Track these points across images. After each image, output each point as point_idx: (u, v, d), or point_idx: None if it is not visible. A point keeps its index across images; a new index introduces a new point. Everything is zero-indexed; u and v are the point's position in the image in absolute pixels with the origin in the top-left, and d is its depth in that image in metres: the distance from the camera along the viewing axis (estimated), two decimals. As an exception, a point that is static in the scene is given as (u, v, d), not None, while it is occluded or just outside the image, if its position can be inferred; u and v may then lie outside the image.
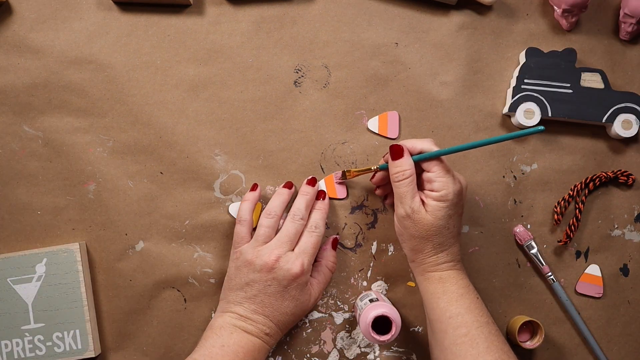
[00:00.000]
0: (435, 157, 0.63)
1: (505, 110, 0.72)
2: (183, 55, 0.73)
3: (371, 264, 0.74)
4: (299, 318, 0.68)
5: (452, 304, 0.62)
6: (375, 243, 0.74)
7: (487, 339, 0.60)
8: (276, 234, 0.68)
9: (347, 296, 0.74)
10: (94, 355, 0.70)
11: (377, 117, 0.73)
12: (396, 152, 0.64)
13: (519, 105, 0.71)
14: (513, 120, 0.73)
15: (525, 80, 0.71)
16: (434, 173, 0.63)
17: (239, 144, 0.73)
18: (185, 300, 0.73)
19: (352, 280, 0.74)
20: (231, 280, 0.68)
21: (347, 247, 0.74)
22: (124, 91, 0.72)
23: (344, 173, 0.71)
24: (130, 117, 0.73)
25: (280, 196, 0.70)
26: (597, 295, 0.74)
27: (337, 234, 0.74)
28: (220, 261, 0.73)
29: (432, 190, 0.63)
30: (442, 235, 0.63)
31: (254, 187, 0.72)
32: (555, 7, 0.72)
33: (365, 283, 0.74)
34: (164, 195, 0.73)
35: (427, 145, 0.64)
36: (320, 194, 0.72)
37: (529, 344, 0.71)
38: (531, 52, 0.71)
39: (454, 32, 0.74)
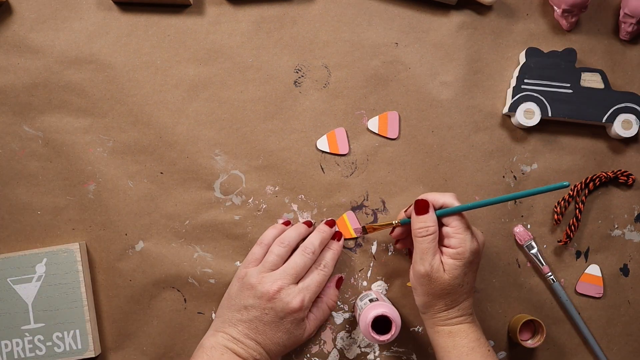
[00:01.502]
0: (457, 212, 0.63)
1: (505, 110, 0.72)
2: (183, 55, 0.73)
3: (371, 264, 0.74)
4: (289, 349, 0.68)
5: (462, 358, 0.62)
6: (375, 243, 0.74)
7: None
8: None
9: (347, 296, 0.74)
10: (94, 355, 0.70)
11: (377, 117, 0.73)
12: (421, 207, 0.63)
13: (519, 105, 0.71)
14: (513, 120, 0.73)
15: (525, 80, 0.71)
16: (453, 229, 0.62)
17: (239, 144, 0.73)
18: (185, 300, 0.73)
19: (352, 280, 0.74)
20: (231, 300, 0.68)
21: (347, 247, 0.74)
22: (124, 91, 0.72)
23: (364, 228, 0.71)
24: (130, 117, 0.73)
25: (297, 229, 0.71)
26: (597, 295, 0.74)
27: (343, 274, 0.74)
28: (220, 261, 0.73)
29: (449, 247, 0.62)
30: (456, 292, 0.63)
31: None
32: (555, 7, 0.72)
33: (365, 283, 0.74)
34: (164, 195, 0.73)
35: (449, 199, 0.64)
36: (336, 235, 0.72)
37: (530, 343, 0.71)
38: (531, 52, 0.71)
39: (454, 32, 0.74)
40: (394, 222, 0.68)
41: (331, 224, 0.72)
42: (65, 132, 0.72)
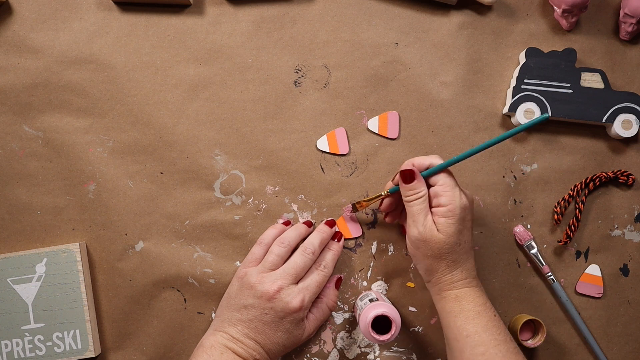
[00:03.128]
0: (443, 169, 0.63)
1: (505, 110, 0.72)
2: (183, 55, 0.73)
3: (371, 264, 0.74)
4: (289, 349, 0.68)
5: (469, 322, 0.62)
6: (375, 243, 0.74)
7: (504, 357, 0.60)
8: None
9: (347, 296, 0.74)
10: (94, 355, 0.70)
11: (377, 117, 0.73)
12: (408, 176, 0.64)
13: (519, 105, 0.71)
14: (513, 120, 0.73)
15: (525, 80, 0.71)
16: (441, 187, 0.63)
17: (239, 144, 0.73)
18: (185, 300, 0.73)
19: (352, 280, 0.74)
20: (230, 299, 0.68)
21: (347, 247, 0.74)
22: (124, 91, 0.72)
23: (354, 206, 0.71)
24: (130, 117, 0.73)
25: (297, 229, 0.71)
26: (597, 295, 0.74)
27: (342, 274, 0.74)
28: (220, 261, 0.73)
29: (439, 206, 0.63)
30: (455, 252, 0.63)
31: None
32: (555, 7, 0.72)
33: (365, 283, 0.74)
34: (164, 195, 0.73)
35: (434, 160, 0.64)
36: (336, 235, 0.72)
37: (531, 343, 0.71)
38: (531, 52, 0.71)
39: (454, 32, 0.74)
40: (382, 193, 0.69)
41: (331, 224, 0.72)
42: (65, 132, 0.72)
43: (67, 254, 0.70)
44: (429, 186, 0.65)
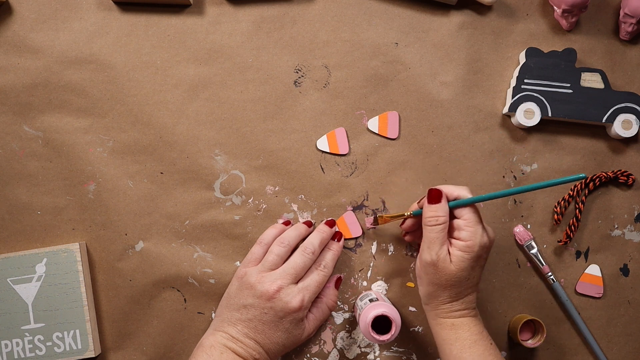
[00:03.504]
0: (470, 204, 0.63)
1: (505, 110, 0.72)
2: (183, 55, 0.73)
3: (371, 264, 0.74)
4: (288, 349, 0.68)
5: (465, 351, 0.62)
6: (375, 243, 0.74)
7: None
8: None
9: (347, 296, 0.74)
10: (94, 355, 0.70)
11: (377, 117, 0.73)
12: (434, 196, 0.64)
13: (519, 105, 0.71)
14: (513, 120, 0.73)
15: (525, 80, 0.71)
16: (464, 221, 0.63)
17: (239, 144, 0.73)
18: (185, 300, 0.73)
19: (352, 280, 0.74)
20: (230, 299, 0.68)
21: (347, 247, 0.74)
22: (124, 91, 0.72)
23: (375, 219, 0.71)
24: (130, 117, 0.73)
25: (297, 229, 0.71)
26: (597, 295, 0.74)
27: (342, 274, 0.74)
28: (220, 261, 0.73)
29: (459, 239, 0.62)
30: (461, 285, 0.63)
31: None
32: (555, 7, 0.72)
33: (365, 283, 0.74)
34: (164, 195, 0.73)
35: (463, 192, 0.64)
36: (336, 235, 0.72)
37: (530, 343, 0.71)
38: (531, 52, 0.71)
39: (454, 32, 0.74)
40: (406, 214, 0.68)
41: (331, 224, 0.72)
42: (65, 132, 0.72)
43: (67, 254, 0.70)
44: (453, 217, 0.64)
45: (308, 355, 0.74)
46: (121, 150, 0.73)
